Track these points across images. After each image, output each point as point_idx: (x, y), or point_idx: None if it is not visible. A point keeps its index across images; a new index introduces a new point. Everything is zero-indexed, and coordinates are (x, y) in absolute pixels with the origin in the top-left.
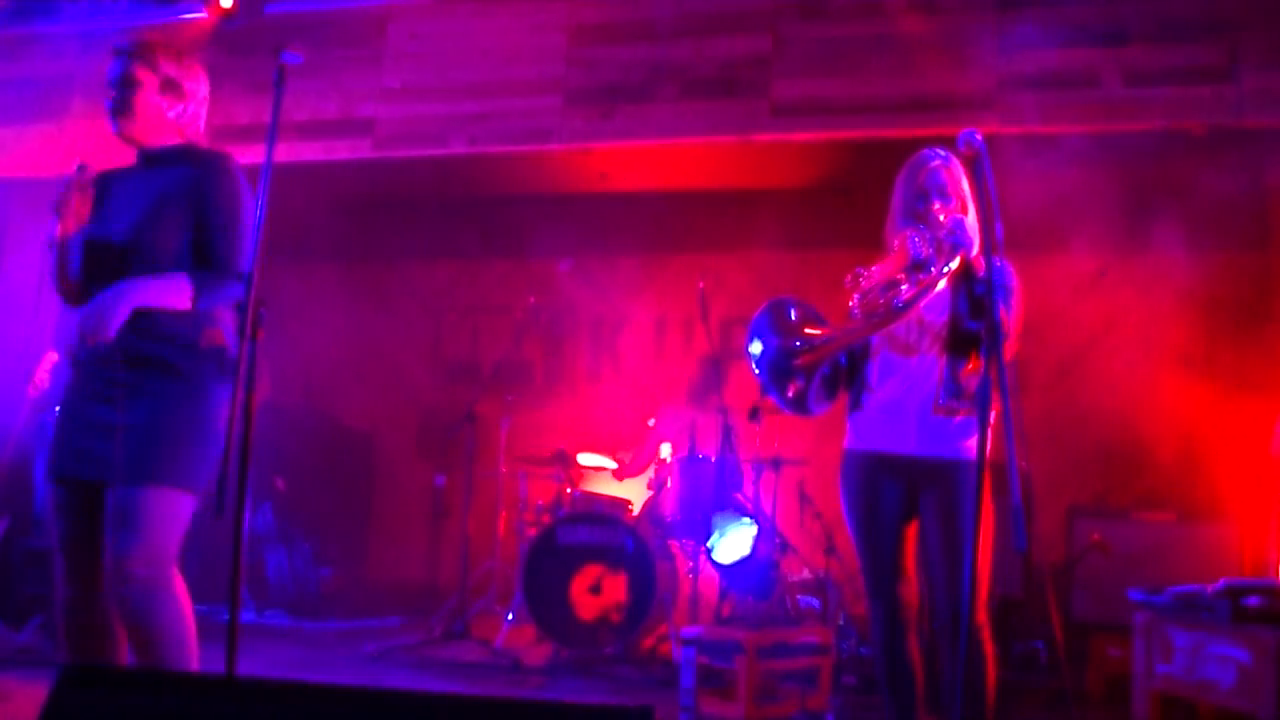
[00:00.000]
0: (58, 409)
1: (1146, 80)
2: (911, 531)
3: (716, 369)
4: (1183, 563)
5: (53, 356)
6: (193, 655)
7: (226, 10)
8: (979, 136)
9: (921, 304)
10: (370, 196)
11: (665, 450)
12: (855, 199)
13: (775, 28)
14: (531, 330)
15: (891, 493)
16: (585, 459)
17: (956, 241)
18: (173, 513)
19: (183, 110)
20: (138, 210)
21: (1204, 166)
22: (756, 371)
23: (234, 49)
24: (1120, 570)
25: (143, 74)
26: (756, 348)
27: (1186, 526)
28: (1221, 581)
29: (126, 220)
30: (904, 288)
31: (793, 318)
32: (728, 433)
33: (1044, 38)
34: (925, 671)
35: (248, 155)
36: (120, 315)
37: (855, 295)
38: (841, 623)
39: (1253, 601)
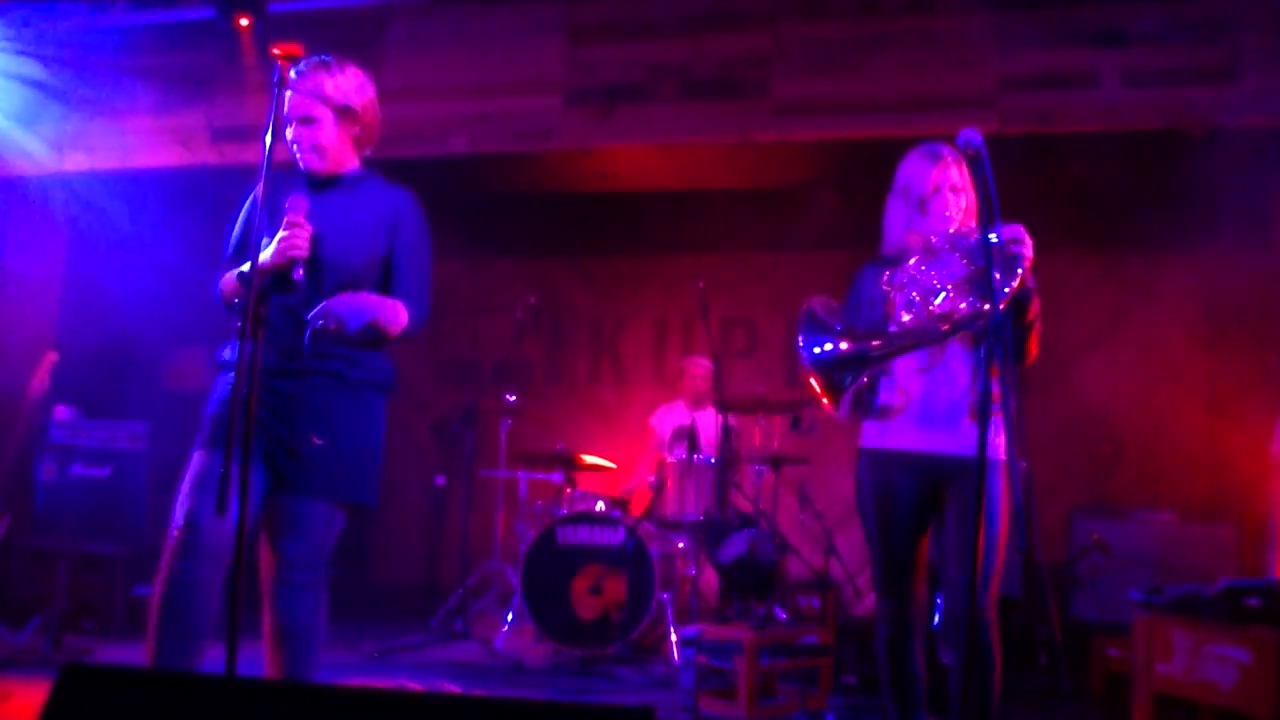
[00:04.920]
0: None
1: (1146, 80)
2: (926, 530)
3: (716, 369)
4: (1183, 563)
5: (53, 357)
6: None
7: (246, 29)
8: (979, 136)
9: (968, 314)
10: None
11: (665, 450)
12: (855, 199)
13: (775, 28)
14: (531, 330)
15: (911, 492)
16: (585, 459)
17: (1015, 253)
18: (335, 523)
19: (361, 132)
20: (333, 230)
21: (1204, 166)
22: (810, 376)
23: (233, 49)
24: (1120, 570)
25: (318, 111)
26: (811, 351)
27: (1186, 526)
28: (1221, 581)
29: (325, 239)
30: (964, 305)
31: (831, 321)
32: (727, 433)
33: (1044, 38)
34: (927, 670)
35: (246, 155)
36: (365, 318)
37: (897, 296)
38: (841, 623)
39: (1253, 601)
